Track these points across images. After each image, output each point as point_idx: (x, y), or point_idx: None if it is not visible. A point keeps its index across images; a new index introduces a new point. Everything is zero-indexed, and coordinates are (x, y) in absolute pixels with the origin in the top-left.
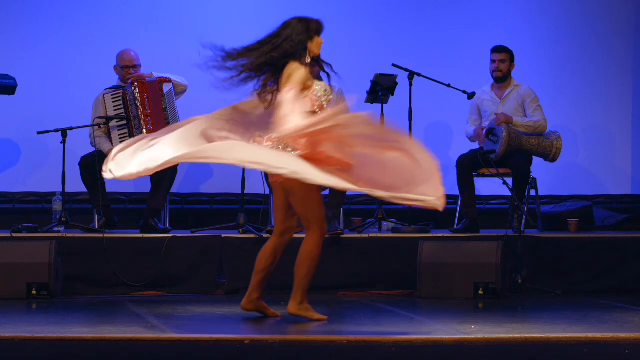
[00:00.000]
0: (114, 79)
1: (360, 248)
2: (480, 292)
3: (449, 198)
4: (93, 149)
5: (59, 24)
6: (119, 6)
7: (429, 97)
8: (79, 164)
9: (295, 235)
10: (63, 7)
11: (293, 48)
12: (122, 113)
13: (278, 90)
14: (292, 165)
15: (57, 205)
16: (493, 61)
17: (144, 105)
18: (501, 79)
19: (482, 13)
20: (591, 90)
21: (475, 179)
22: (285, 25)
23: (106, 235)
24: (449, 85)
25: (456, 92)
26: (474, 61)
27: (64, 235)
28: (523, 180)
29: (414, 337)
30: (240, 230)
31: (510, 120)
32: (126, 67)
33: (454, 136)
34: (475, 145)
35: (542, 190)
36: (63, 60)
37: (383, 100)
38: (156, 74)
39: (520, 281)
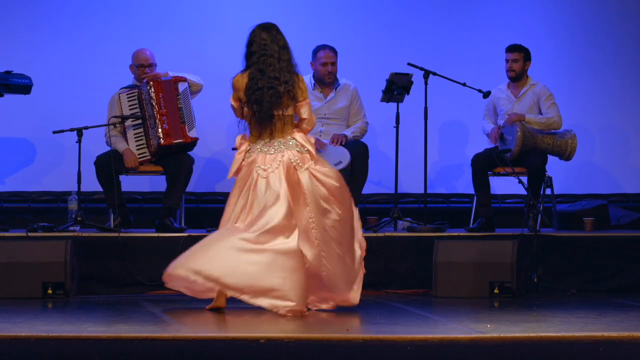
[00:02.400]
0: (129, 78)
1: (376, 247)
2: (496, 291)
3: (465, 197)
4: (108, 148)
5: (75, 24)
6: (135, 6)
7: (444, 96)
8: (95, 163)
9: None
10: (79, 6)
11: None
12: (137, 112)
13: None
14: None
15: (73, 205)
16: (507, 60)
17: (159, 104)
18: (515, 78)
19: (497, 12)
20: (606, 89)
21: (491, 178)
22: None
23: (122, 235)
24: (464, 84)
25: (471, 91)
26: (489, 60)
27: (80, 235)
28: (538, 179)
29: (430, 336)
30: None
31: (523, 118)
32: (141, 66)
33: (470, 135)
34: (491, 144)
35: (558, 189)
36: (78, 59)
37: (398, 99)
38: (172, 73)
39: (535, 280)
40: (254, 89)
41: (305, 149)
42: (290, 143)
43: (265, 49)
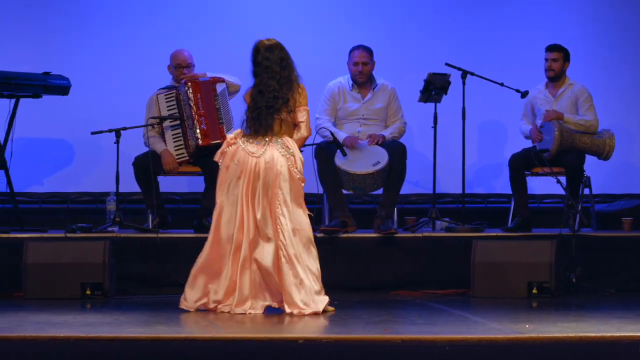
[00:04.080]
0: (167, 79)
1: (414, 247)
2: (534, 291)
3: (503, 197)
4: (147, 149)
5: (112, 25)
6: (172, 6)
7: (482, 96)
8: (133, 164)
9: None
10: (116, 8)
11: None
12: (175, 113)
13: None
14: None
15: (111, 206)
16: (546, 60)
17: (197, 105)
18: (554, 78)
19: (535, 12)
20: None
21: (529, 178)
22: None
23: (160, 235)
24: (502, 84)
25: (509, 91)
26: (527, 60)
27: (118, 235)
28: (576, 179)
29: (468, 336)
30: None
31: (561, 116)
32: (180, 67)
33: (507, 135)
34: (529, 144)
35: (596, 189)
36: (116, 60)
37: (436, 100)
38: (209, 74)
39: (574, 280)
40: (253, 108)
41: (290, 150)
42: (278, 142)
43: (266, 70)
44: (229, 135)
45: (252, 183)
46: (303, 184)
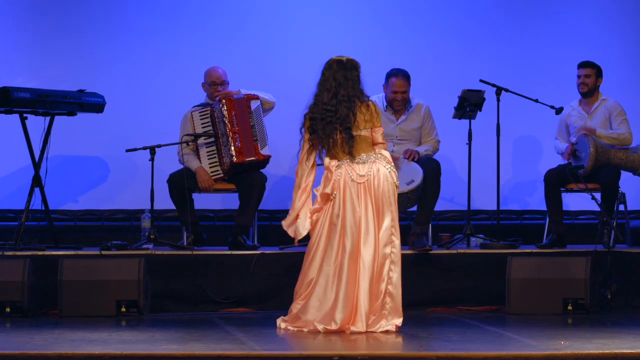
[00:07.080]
0: (201, 97)
1: (449, 264)
2: (569, 307)
3: (538, 213)
4: (181, 167)
5: (147, 42)
6: (207, 24)
7: (516, 112)
8: (168, 181)
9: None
10: (150, 25)
11: None
12: (210, 130)
13: None
14: None
15: (146, 223)
16: (579, 76)
17: (232, 122)
18: (587, 94)
19: (569, 28)
20: None
21: (564, 194)
22: None
23: (195, 252)
24: (536, 101)
25: (544, 107)
26: (561, 76)
27: (153, 253)
28: (612, 195)
29: (503, 352)
30: None
31: (594, 131)
32: (214, 84)
33: (542, 151)
34: (564, 160)
35: (631, 205)
36: (151, 78)
37: (471, 116)
38: (244, 91)
39: (609, 296)
40: (312, 121)
41: (392, 165)
42: (379, 156)
43: (322, 84)
44: (331, 165)
45: (365, 207)
46: None
